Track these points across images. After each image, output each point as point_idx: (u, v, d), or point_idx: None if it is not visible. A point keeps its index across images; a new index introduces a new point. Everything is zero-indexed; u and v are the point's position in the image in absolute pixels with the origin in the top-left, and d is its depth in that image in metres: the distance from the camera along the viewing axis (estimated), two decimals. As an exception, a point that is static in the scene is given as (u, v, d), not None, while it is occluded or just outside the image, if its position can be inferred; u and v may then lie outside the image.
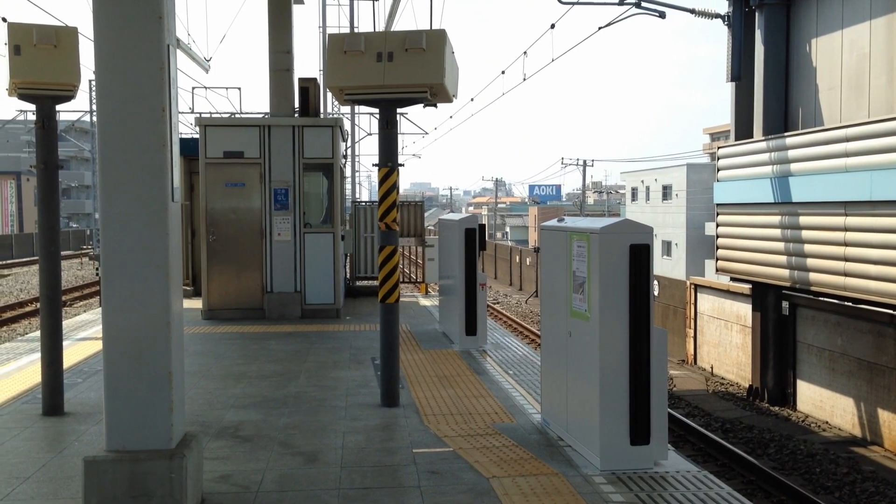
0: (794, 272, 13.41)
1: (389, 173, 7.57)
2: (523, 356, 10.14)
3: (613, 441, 5.75)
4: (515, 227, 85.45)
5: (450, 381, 8.65)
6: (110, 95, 4.77)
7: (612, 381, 5.70)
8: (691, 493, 5.34)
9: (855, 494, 10.03)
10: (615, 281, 5.68)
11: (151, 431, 4.80)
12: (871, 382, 12.83)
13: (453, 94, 7.99)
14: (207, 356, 10.17)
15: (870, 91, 12.92)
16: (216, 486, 5.48)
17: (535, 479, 5.57)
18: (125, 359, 4.79)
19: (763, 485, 10.26)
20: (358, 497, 5.28)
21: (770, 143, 14.19)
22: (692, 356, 19.33)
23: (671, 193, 48.16)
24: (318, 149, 13.41)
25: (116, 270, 4.80)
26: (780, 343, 15.28)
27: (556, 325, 6.49)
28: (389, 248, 7.64)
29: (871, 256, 11.49)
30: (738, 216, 15.32)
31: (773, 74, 15.11)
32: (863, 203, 11.66)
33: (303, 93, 14.07)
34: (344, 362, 9.77)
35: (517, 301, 33.61)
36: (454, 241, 10.84)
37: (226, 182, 13.32)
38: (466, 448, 6.28)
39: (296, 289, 13.35)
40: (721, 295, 18.01)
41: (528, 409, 7.48)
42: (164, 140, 4.80)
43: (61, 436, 6.69)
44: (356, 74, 7.37)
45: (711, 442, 11.96)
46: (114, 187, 4.79)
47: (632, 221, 5.85)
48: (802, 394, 14.77)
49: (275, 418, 7.22)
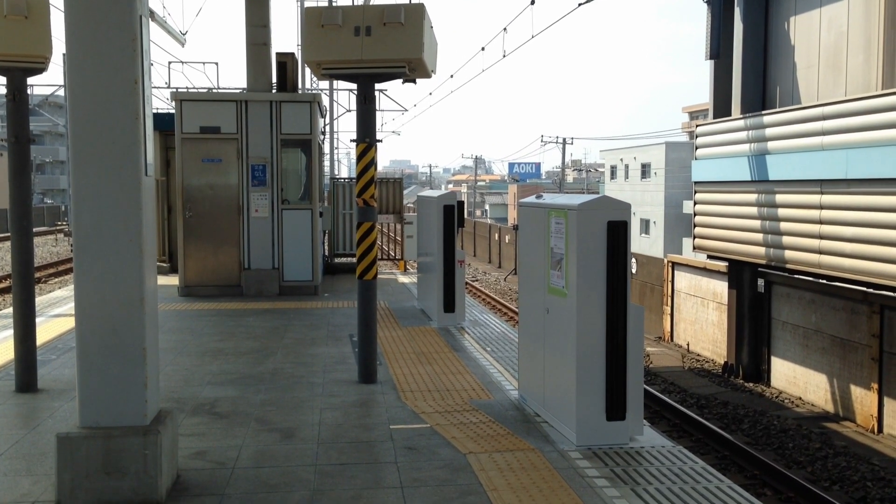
0: (769, 250, 13.51)
1: (367, 149, 7.52)
2: (501, 333, 10.16)
3: (589, 417, 5.77)
4: (495, 204, 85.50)
5: (427, 358, 8.65)
6: (81, 67, 4.68)
7: (588, 357, 5.72)
8: (666, 468, 5.38)
9: (827, 469, 10.17)
10: (593, 257, 5.68)
11: (125, 407, 4.76)
12: (843, 359, 12.99)
13: (432, 70, 7.93)
14: (184, 333, 10.11)
15: (847, 70, 12.98)
16: (192, 462, 5.45)
17: (511, 455, 5.59)
18: (98, 334, 4.74)
19: (737, 459, 10.39)
20: (335, 473, 5.28)
21: (748, 121, 14.24)
22: (669, 333, 19.48)
23: (650, 172, 48.32)
24: (297, 124, 13.29)
25: (89, 245, 4.73)
26: (755, 320, 15.42)
27: (534, 301, 6.50)
28: (367, 225, 7.60)
29: (845, 234, 11.59)
30: (715, 194, 15.39)
31: (752, 52, 15.13)
32: (838, 181, 11.74)
33: (280, 67, 13.92)
34: (321, 339, 9.75)
35: (496, 278, 33.68)
36: (433, 218, 10.81)
37: (202, 158, 13.19)
38: (443, 424, 6.29)
39: (273, 265, 13.28)
40: (698, 273, 18.13)
41: (505, 386, 7.50)
42: (137, 113, 4.72)
43: (34, 412, 6.63)
44: (334, 49, 7.29)
45: (687, 418, 12.07)
46: (86, 161, 4.71)
47: (610, 198, 5.85)
48: (776, 370, 14.94)
49: (251, 395, 7.19)
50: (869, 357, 12.33)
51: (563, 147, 63.18)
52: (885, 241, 10.77)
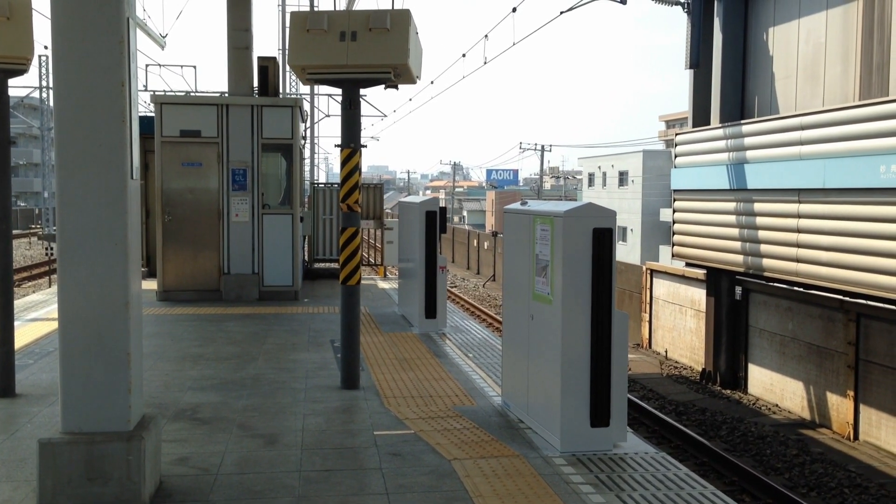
0: (747, 258, 13.63)
1: (352, 154, 7.51)
2: (483, 339, 10.17)
3: (574, 423, 5.79)
4: (473, 211, 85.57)
5: (410, 364, 8.64)
6: (68, 69, 4.64)
7: (573, 363, 5.74)
8: (650, 474, 5.41)
9: (804, 475, 10.27)
10: (578, 264, 5.70)
11: (109, 413, 4.71)
12: (820, 366, 13.12)
13: (417, 75, 7.94)
14: (163, 337, 10.03)
15: (825, 80, 13.14)
16: (175, 468, 5.41)
17: (496, 461, 5.60)
18: (82, 339, 4.69)
19: (715, 466, 10.46)
20: (319, 479, 5.26)
21: (727, 130, 14.37)
22: (647, 340, 19.58)
23: (627, 179, 48.62)
24: (278, 129, 13.24)
25: (74, 249, 4.69)
26: (733, 327, 15.54)
27: (518, 307, 6.51)
28: (351, 230, 7.59)
29: (822, 243, 11.73)
30: (694, 202, 15.51)
31: (731, 62, 15.28)
32: (816, 190, 11.88)
33: (262, 72, 13.87)
34: (303, 344, 9.70)
35: (475, 285, 33.70)
36: (414, 224, 10.81)
37: (182, 161, 13.10)
38: (427, 430, 6.28)
39: (253, 270, 13.21)
40: (676, 280, 18.26)
41: (488, 392, 7.51)
42: (124, 116, 4.69)
43: (13, 418, 6.54)
44: (319, 53, 7.28)
45: (665, 424, 12.14)
46: (71, 164, 4.67)
47: (595, 205, 5.87)
48: (754, 377, 15.06)
49: (233, 400, 7.14)
50: (845, 364, 12.47)
51: (542, 154, 63.42)
52: (862, 250, 10.91)
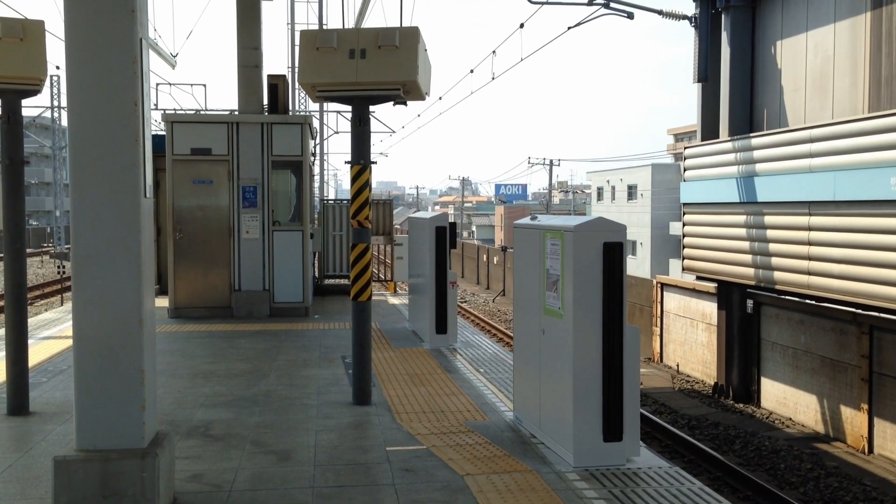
0: (758, 271, 13.59)
1: (362, 171, 7.54)
2: (494, 354, 10.16)
3: (586, 438, 5.78)
4: (482, 226, 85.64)
5: (421, 380, 8.64)
6: (82, 89, 4.69)
7: (585, 378, 5.74)
8: (664, 489, 5.39)
9: (819, 490, 10.19)
10: (589, 278, 5.71)
11: (123, 430, 4.73)
12: (833, 380, 13.05)
13: (426, 92, 7.98)
14: (175, 355, 10.05)
15: (834, 92, 13.14)
16: (188, 485, 5.42)
17: (509, 477, 5.58)
18: (96, 357, 4.72)
19: (729, 480, 10.40)
20: (332, 495, 5.25)
21: (736, 143, 14.37)
22: (658, 354, 19.51)
23: (636, 193, 48.58)
24: (288, 146, 13.32)
25: (88, 267, 4.73)
26: (745, 341, 15.48)
27: (529, 322, 6.51)
28: (362, 246, 7.61)
29: (834, 255, 11.69)
30: (704, 215, 15.49)
31: (739, 75, 15.30)
32: (826, 203, 11.85)
33: (272, 90, 13.96)
34: (314, 361, 9.72)
35: (485, 300, 33.68)
36: (424, 240, 10.83)
37: (193, 179, 13.18)
38: (440, 446, 6.27)
39: (264, 287, 13.25)
40: (687, 293, 18.20)
41: (500, 407, 7.49)
42: (137, 135, 4.73)
43: (27, 435, 6.57)
44: (329, 71, 7.33)
45: (678, 439, 12.08)
46: (85, 183, 4.71)
47: (605, 220, 5.88)
48: (766, 391, 14.98)
49: (246, 417, 7.16)
50: (859, 377, 12.40)
51: (550, 168, 63.47)
52: (874, 263, 10.87)
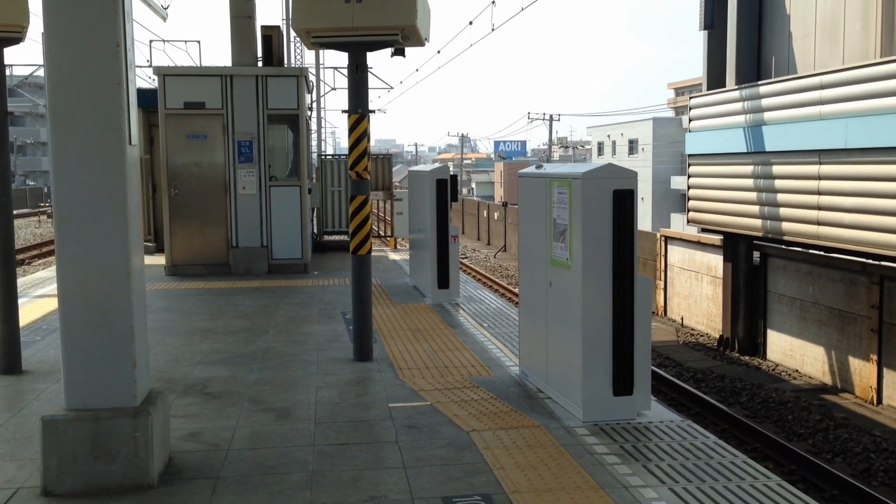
0: (766, 222, 13.34)
1: (360, 120, 7.26)
2: (497, 309, 9.96)
3: (596, 392, 5.58)
4: (481, 182, 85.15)
5: (423, 335, 8.45)
6: (59, 29, 4.40)
7: (594, 330, 5.52)
8: (676, 444, 5.21)
9: (828, 441, 10.05)
10: (598, 228, 5.47)
11: (113, 389, 4.53)
12: (842, 331, 12.87)
13: (425, 38, 7.66)
14: (172, 312, 9.86)
15: (844, 38, 12.76)
16: (185, 444, 5.23)
17: (516, 432, 5.40)
18: (83, 313, 4.49)
19: (737, 433, 10.26)
20: (334, 453, 5.07)
21: (743, 91, 14.01)
22: (662, 308, 19.35)
23: (637, 148, 48.16)
24: (283, 99, 12.98)
25: (71, 219, 4.48)
26: (751, 293, 15.28)
27: (536, 274, 6.29)
28: (361, 198, 7.36)
29: (845, 205, 11.42)
30: (710, 167, 15.18)
31: (746, 22, 14.88)
32: (837, 151, 11.55)
33: (266, 41, 13.58)
34: (314, 317, 9.52)
35: (486, 255, 33.48)
36: (425, 193, 10.58)
37: (187, 134, 12.87)
38: (444, 402, 6.09)
39: (262, 243, 13.02)
40: (691, 246, 17.97)
41: (505, 362, 7.31)
42: (120, 78, 4.46)
43: (19, 395, 6.38)
44: (324, 16, 7.01)
45: (684, 392, 11.95)
46: (65, 129, 4.44)
47: (615, 166, 5.62)
48: (773, 343, 14.82)
49: (244, 374, 6.97)
50: (868, 328, 12.21)
51: (550, 124, 62.92)
52: (886, 211, 10.60)
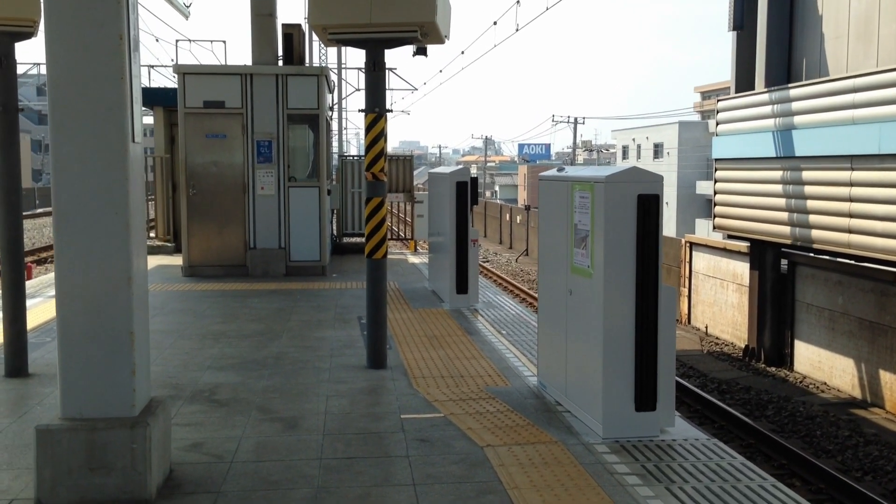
0: (795, 229, 12.98)
1: (376, 119, 7.05)
2: (517, 315, 9.71)
3: (617, 407, 5.33)
4: (505, 185, 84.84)
5: (440, 342, 8.21)
6: (60, 20, 4.22)
7: (616, 342, 5.27)
8: (702, 464, 4.93)
9: (858, 458, 9.70)
10: (622, 234, 5.21)
11: (111, 397, 4.34)
12: (872, 343, 12.48)
13: (445, 35, 7.44)
14: (186, 314, 9.70)
15: (878, 39, 12.39)
16: (187, 455, 5.03)
17: (532, 448, 5.15)
18: (81, 317, 4.31)
19: (762, 448, 9.93)
20: (341, 468, 4.85)
21: (773, 94, 13.66)
22: (686, 316, 18.99)
23: (662, 152, 47.68)
24: (304, 99, 12.81)
25: (70, 220, 4.30)
26: (778, 302, 14.90)
27: (555, 282, 6.04)
28: (376, 201, 7.15)
29: (877, 212, 11.05)
30: (737, 171, 14.83)
31: (777, 23, 14.52)
32: (870, 157, 11.19)
33: (287, 39, 13.43)
34: (329, 321, 9.32)
35: (507, 259, 33.20)
36: (444, 196, 10.36)
37: (206, 133, 12.74)
38: (458, 413, 5.85)
39: (280, 245, 12.85)
40: (717, 253, 17.61)
41: (523, 372, 7.06)
42: (122, 72, 4.27)
43: (23, 399, 6.22)
44: (341, 12, 6.82)
45: (708, 404, 11.63)
46: (65, 125, 4.26)
47: (640, 169, 5.37)
48: (800, 354, 14.44)
49: (254, 381, 6.77)
50: (899, 341, 11.83)
51: (575, 127, 62.53)
52: (921, 220, 10.24)
